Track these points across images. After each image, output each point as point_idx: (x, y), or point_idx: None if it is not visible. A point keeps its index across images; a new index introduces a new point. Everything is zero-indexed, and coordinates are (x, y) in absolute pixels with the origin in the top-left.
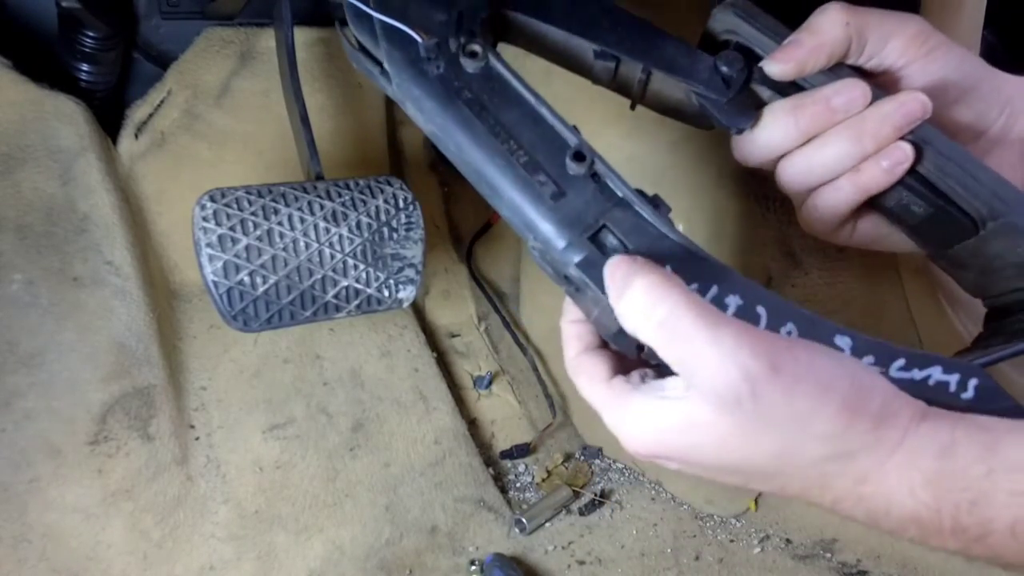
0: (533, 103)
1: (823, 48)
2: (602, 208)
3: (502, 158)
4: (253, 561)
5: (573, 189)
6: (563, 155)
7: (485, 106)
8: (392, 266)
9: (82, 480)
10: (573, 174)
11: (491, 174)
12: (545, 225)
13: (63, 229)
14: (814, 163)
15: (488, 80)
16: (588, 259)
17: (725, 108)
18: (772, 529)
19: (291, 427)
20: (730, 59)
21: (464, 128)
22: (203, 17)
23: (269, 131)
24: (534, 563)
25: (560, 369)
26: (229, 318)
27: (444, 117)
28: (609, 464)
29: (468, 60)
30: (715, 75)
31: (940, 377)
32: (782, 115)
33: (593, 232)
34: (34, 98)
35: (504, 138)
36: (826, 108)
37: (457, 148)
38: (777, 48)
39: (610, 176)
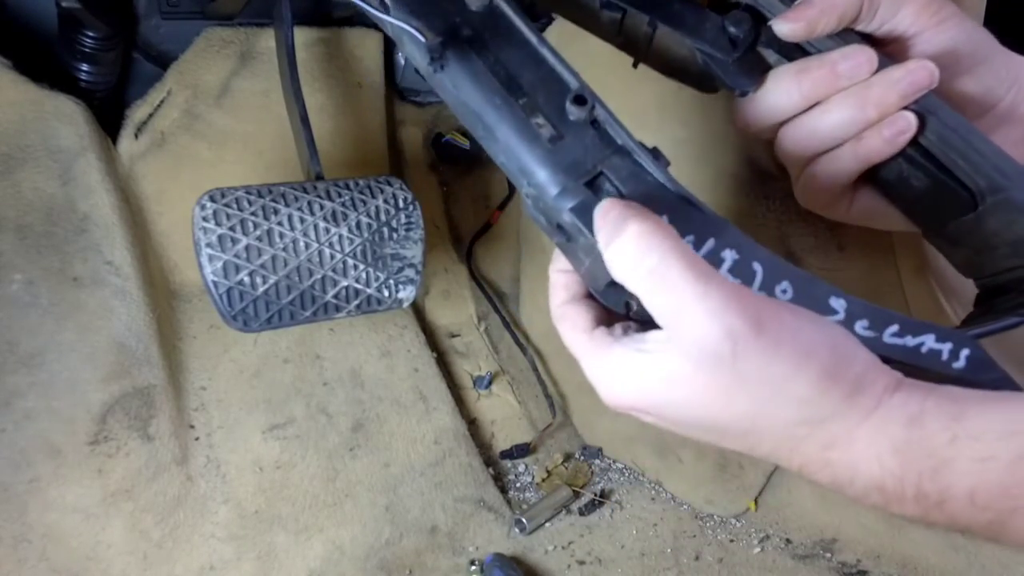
0: (536, 43)
1: (834, 9)
2: (600, 155)
3: (500, 98)
4: (253, 561)
5: (572, 133)
6: (563, 98)
7: (486, 44)
8: (392, 266)
9: (82, 480)
10: (573, 119)
11: (488, 114)
12: (541, 169)
13: (63, 229)
14: (816, 129)
15: (491, 18)
16: (583, 204)
17: (730, 68)
18: (772, 529)
19: (291, 427)
20: (738, 19)
21: (462, 68)
22: (203, 17)
23: (269, 131)
24: (534, 563)
25: (560, 369)
26: (229, 318)
27: (444, 55)
28: (609, 464)
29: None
30: (722, 34)
31: (933, 345)
32: (787, 78)
33: (590, 178)
34: (34, 98)
35: (504, 78)
36: (831, 73)
37: (454, 87)
38: (791, 7)
39: (610, 123)
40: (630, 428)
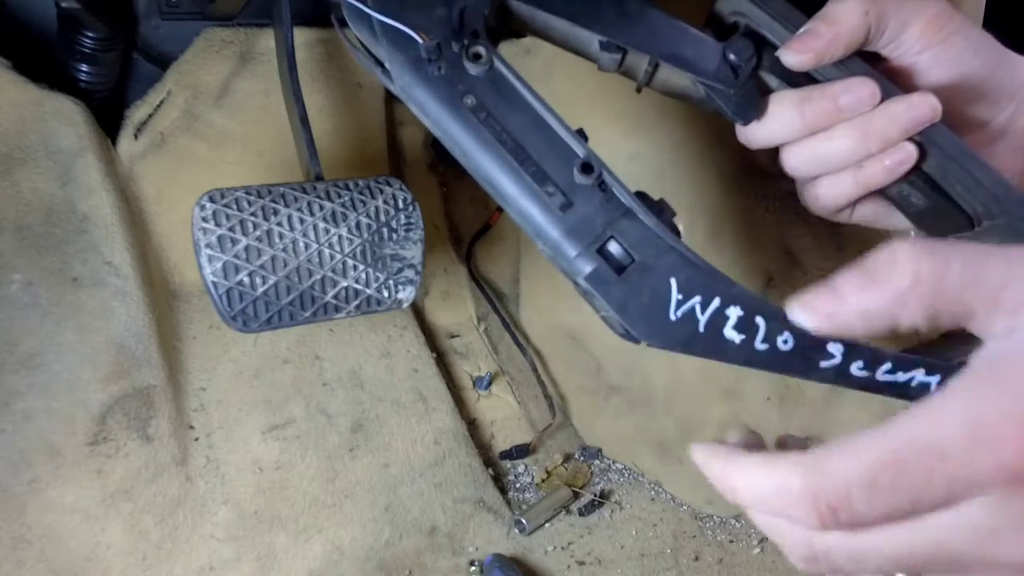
0: (539, 109)
1: (841, 38)
2: (609, 218)
3: (510, 168)
4: (252, 562)
5: (581, 199)
6: (570, 164)
7: (490, 112)
8: (391, 267)
9: (81, 481)
10: (580, 184)
11: (499, 183)
12: (554, 235)
13: (63, 230)
14: (818, 154)
15: (492, 83)
16: (596, 273)
17: (732, 98)
18: None
19: (291, 428)
20: (739, 47)
21: (470, 135)
22: (203, 17)
23: (269, 132)
24: (534, 564)
25: (560, 370)
26: (229, 319)
27: (449, 122)
28: (608, 464)
29: (471, 63)
30: (723, 64)
31: (922, 379)
32: (788, 107)
33: (601, 244)
34: (34, 98)
35: (511, 146)
36: (833, 106)
37: (463, 154)
38: (793, 37)
39: (616, 186)
40: (630, 429)
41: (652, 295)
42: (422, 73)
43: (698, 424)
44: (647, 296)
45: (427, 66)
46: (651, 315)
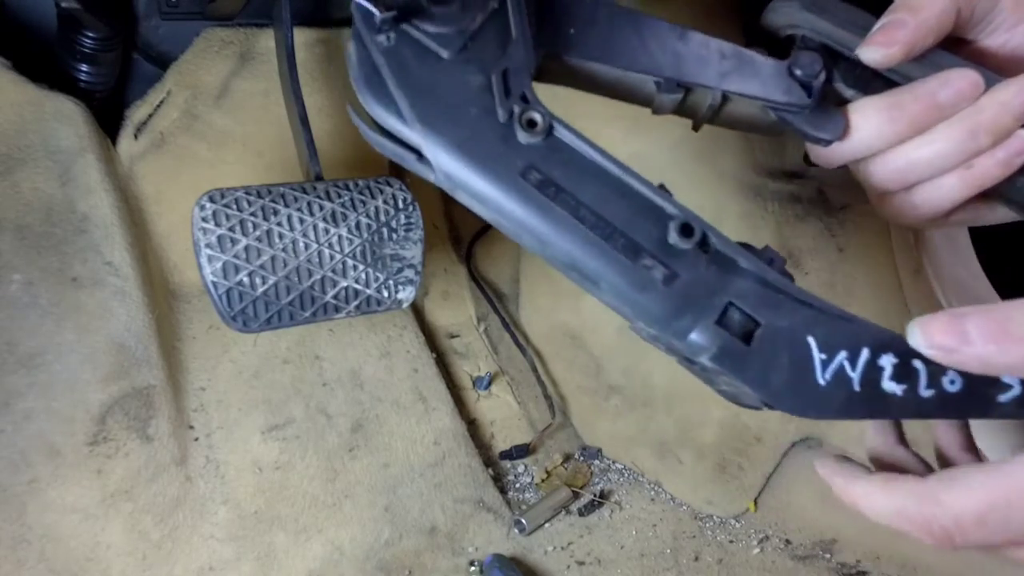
0: (615, 171)
1: (929, 25)
2: (721, 282)
3: (596, 247)
4: (252, 562)
5: (683, 266)
6: (662, 227)
7: (560, 185)
8: (391, 267)
9: (81, 481)
10: (680, 248)
11: (587, 266)
12: (663, 314)
13: (62, 229)
14: (915, 162)
15: (554, 151)
16: (723, 349)
17: (808, 119)
18: (771, 530)
19: (290, 428)
20: (806, 62)
21: (543, 218)
22: (203, 18)
23: (268, 132)
24: (533, 564)
25: (560, 370)
26: (228, 319)
27: (514, 207)
28: (608, 465)
29: (527, 132)
30: (792, 83)
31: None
32: (877, 116)
33: (719, 313)
34: (33, 99)
35: (592, 221)
36: (932, 106)
37: (539, 242)
38: (875, 31)
39: (723, 243)
40: (630, 429)
41: (791, 361)
42: (470, 153)
43: (698, 424)
44: (786, 363)
45: (472, 143)
46: (796, 384)
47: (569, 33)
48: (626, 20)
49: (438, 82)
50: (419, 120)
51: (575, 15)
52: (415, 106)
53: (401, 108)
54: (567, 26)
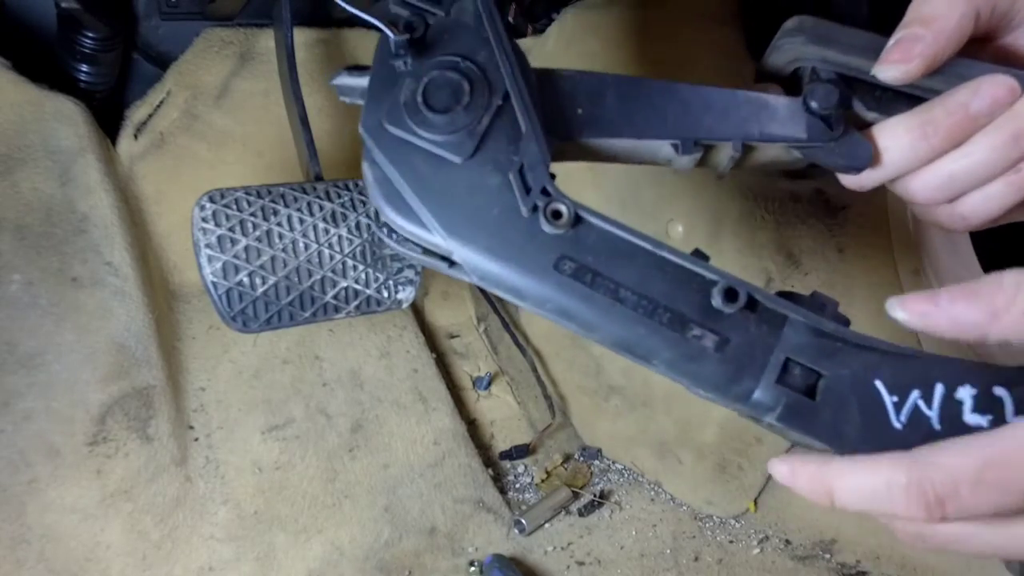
0: (650, 248)
1: (948, 33)
2: (774, 339)
3: (642, 325)
4: (252, 562)
5: (733, 329)
6: (705, 294)
7: (595, 271)
8: (391, 267)
9: (81, 481)
10: (727, 312)
11: (635, 345)
12: (721, 381)
13: (62, 230)
14: (955, 175)
15: (583, 237)
16: (789, 407)
17: (835, 151)
18: (771, 530)
19: (290, 428)
20: (822, 94)
21: (582, 306)
22: (202, 18)
23: (268, 132)
24: (533, 564)
25: (560, 370)
26: (228, 319)
27: (552, 300)
28: (608, 465)
29: (552, 225)
30: (812, 118)
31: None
32: (908, 136)
33: (778, 372)
34: (33, 99)
35: (633, 301)
36: (966, 118)
37: (583, 328)
38: (889, 48)
39: (768, 298)
40: (629, 429)
41: (862, 409)
42: (501, 255)
43: (698, 424)
44: (856, 412)
45: (502, 244)
46: (872, 432)
47: (577, 114)
48: (634, 88)
49: (455, 188)
50: (444, 229)
51: (580, 94)
52: (437, 215)
53: (423, 219)
54: (574, 107)
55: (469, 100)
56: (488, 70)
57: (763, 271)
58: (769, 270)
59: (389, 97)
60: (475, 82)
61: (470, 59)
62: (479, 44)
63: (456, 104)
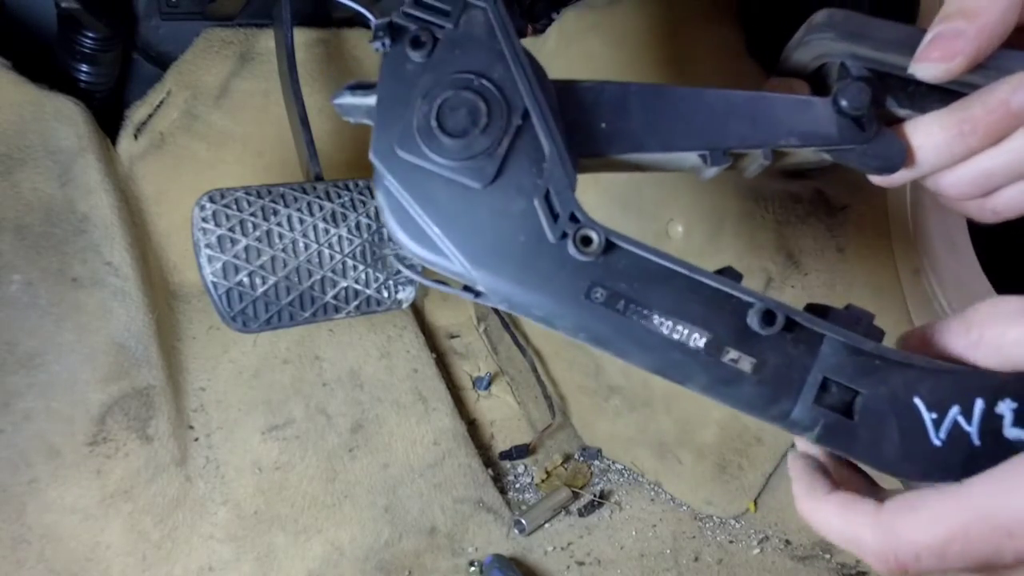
0: (683, 272)
1: (991, 29)
2: (810, 358)
3: (678, 351)
4: (252, 562)
5: (769, 351)
6: (739, 316)
7: (628, 297)
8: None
9: (81, 481)
10: (763, 334)
11: (672, 371)
12: (757, 402)
13: (62, 230)
14: (992, 172)
15: (614, 263)
16: (827, 427)
17: (868, 152)
18: (771, 530)
19: (290, 428)
20: (853, 93)
21: (615, 334)
22: (203, 18)
23: (268, 132)
24: (533, 564)
25: (560, 370)
26: (228, 319)
27: (584, 329)
28: (608, 465)
29: (581, 251)
30: (843, 119)
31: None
32: (944, 134)
33: (816, 391)
34: (34, 99)
35: (669, 325)
36: (1007, 115)
37: (617, 354)
38: (927, 44)
39: (803, 318)
40: (629, 429)
41: (900, 427)
42: (529, 284)
43: (698, 425)
44: (895, 430)
45: (530, 273)
46: (910, 450)
47: (601, 128)
48: (658, 97)
49: (477, 215)
50: (467, 258)
51: (602, 106)
52: (459, 245)
53: (444, 249)
54: (597, 121)
55: (487, 122)
56: (505, 87)
57: (763, 271)
58: (769, 270)
59: (400, 120)
60: (492, 101)
61: (485, 76)
62: (493, 59)
63: (473, 127)
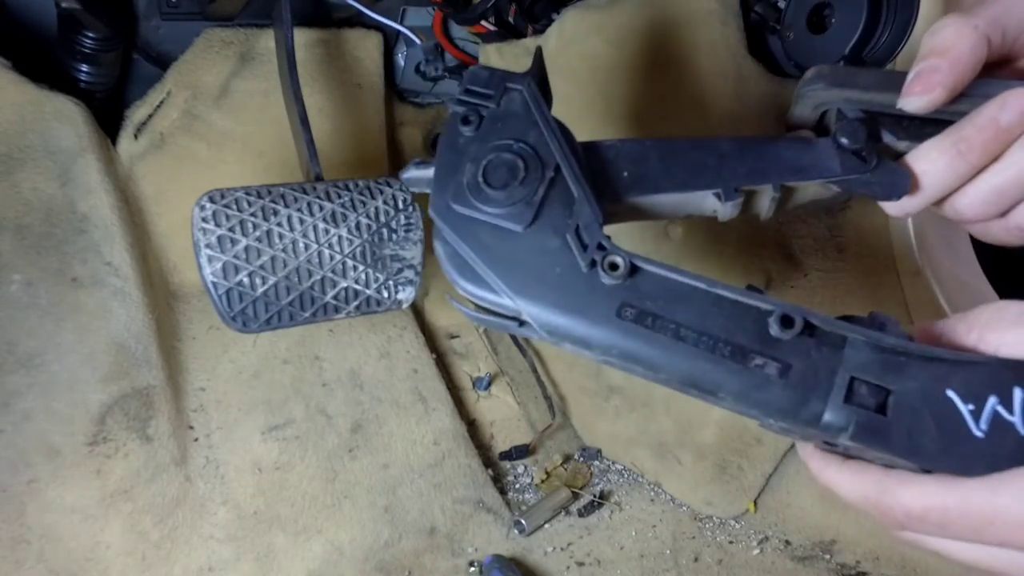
0: (705, 287)
1: (963, 61)
2: (836, 360)
3: (704, 360)
4: (252, 562)
5: (794, 355)
6: (762, 324)
7: (656, 314)
8: (391, 267)
9: (81, 481)
10: (785, 339)
11: (701, 381)
12: (787, 405)
13: (62, 230)
14: (1001, 189)
15: (641, 284)
16: (860, 425)
17: (873, 181)
18: (771, 531)
19: (290, 428)
20: (851, 131)
21: (647, 348)
22: (203, 18)
23: (268, 132)
24: (533, 564)
25: (560, 371)
26: (228, 319)
27: (617, 346)
28: (608, 465)
29: (610, 276)
30: (845, 154)
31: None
32: (943, 157)
33: (845, 391)
34: (34, 99)
35: (694, 338)
36: (998, 131)
37: (648, 370)
38: (910, 82)
39: (824, 321)
40: (629, 430)
41: (937, 420)
42: (566, 309)
43: (698, 425)
44: (932, 425)
45: (567, 299)
46: (952, 444)
47: (623, 176)
48: (672, 148)
49: (519, 253)
50: (512, 291)
51: (623, 159)
52: (505, 280)
53: (493, 285)
54: (619, 171)
55: (524, 175)
56: (539, 148)
57: (763, 271)
58: (769, 270)
59: (453, 181)
60: (528, 159)
61: (522, 140)
62: (528, 127)
63: (513, 180)
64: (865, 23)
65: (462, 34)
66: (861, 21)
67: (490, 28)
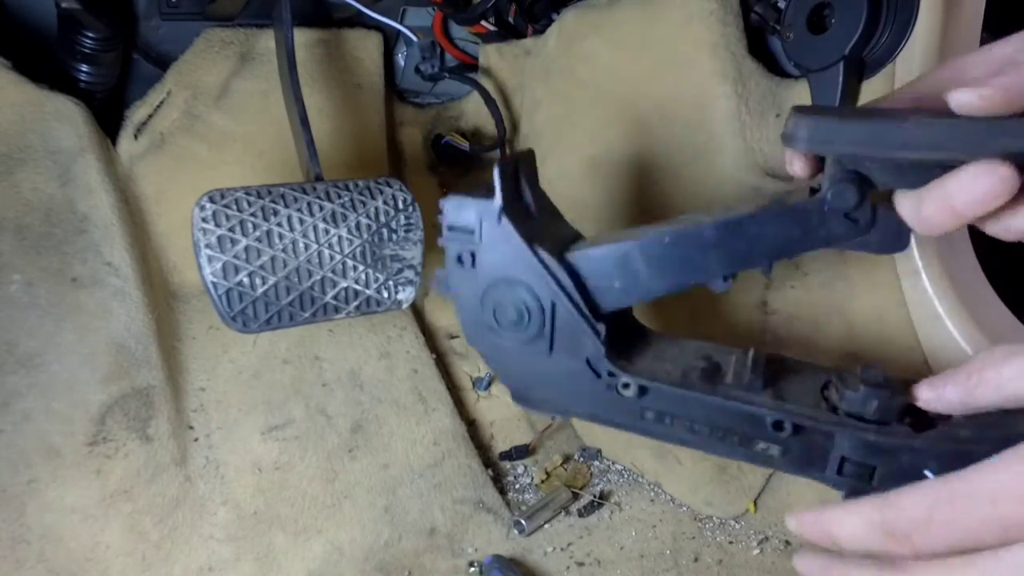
0: (709, 398)
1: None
2: (828, 444)
3: (719, 443)
4: (252, 562)
5: (792, 442)
6: (760, 422)
7: (672, 414)
8: (391, 267)
9: (81, 481)
10: (784, 436)
11: (719, 453)
12: (791, 472)
13: (62, 230)
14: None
15: (656, 396)
16: (852, 491)
17: (871, 241)
18: (771, 531)
19: (290, 428)
20: (838, 193)
21: (671, 436)
22: (203, 18)
23: (268, 132)
24: (533, 564)
25: None
26: (228, 319)
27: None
28: (608, 465)
29: (625, 392)
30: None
31: None
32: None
33: (838, 465)
34: (34, 99)
35: (707, 431)
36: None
37: (677, 444)
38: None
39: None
40: None
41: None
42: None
43: None
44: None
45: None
46: None
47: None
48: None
49: (553, 374)
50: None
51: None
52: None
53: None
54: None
55: (529, 316)
56: (534, 285)
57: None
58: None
59: (477, 314)
60: (528, 301)
61: (518, 280)
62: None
63: (522, 319)
64: (865, 23)
65: (462, 34)
66: (861, 21)
67: (490, 28)
